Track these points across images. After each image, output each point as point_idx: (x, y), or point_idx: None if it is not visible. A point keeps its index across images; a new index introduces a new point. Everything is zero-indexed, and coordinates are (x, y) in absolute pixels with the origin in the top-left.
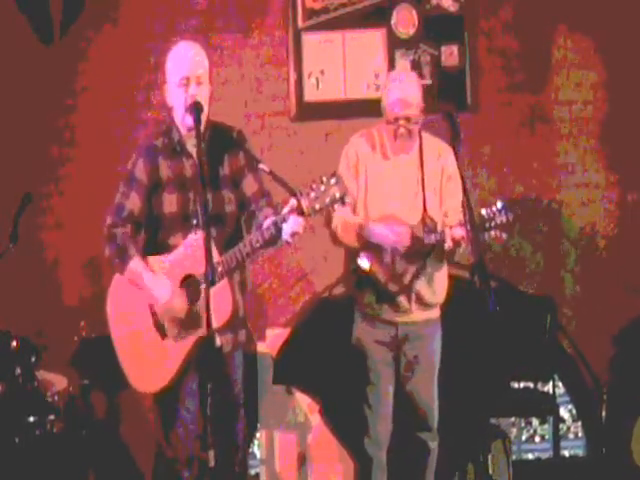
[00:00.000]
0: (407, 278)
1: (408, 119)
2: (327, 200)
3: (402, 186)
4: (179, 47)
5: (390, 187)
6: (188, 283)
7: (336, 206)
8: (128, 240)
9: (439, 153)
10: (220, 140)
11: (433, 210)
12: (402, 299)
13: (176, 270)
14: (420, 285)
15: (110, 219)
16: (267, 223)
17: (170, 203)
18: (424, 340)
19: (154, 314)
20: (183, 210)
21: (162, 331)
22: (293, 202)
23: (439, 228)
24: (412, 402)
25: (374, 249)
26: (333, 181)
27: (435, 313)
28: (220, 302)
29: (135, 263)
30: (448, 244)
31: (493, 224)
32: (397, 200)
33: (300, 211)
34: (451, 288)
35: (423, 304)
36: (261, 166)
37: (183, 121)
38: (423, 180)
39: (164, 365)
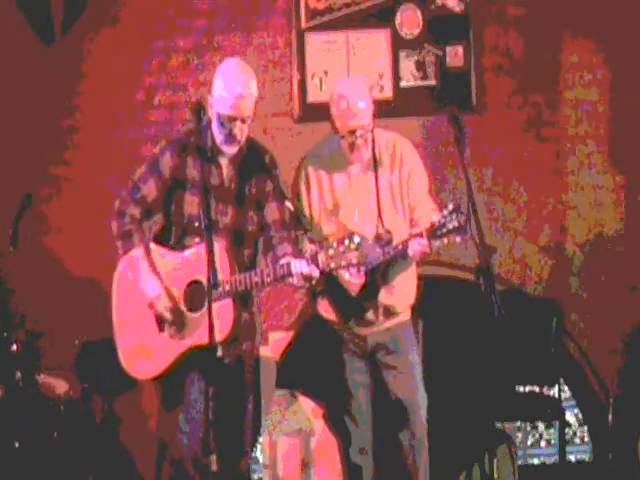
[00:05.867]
0: (371, 293)
1: (363, 127)
2: (343, 263)
3: (358, 198)
4: (236, 78)
5: (346, 201)
6: (194, 289)
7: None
8: (135, 225)
9: (393, 151)
10: (252, 160)
11: (390, 219)
12: (369, 314)
13: (184, 270)
14: (384, 297)
15: (124, 194)
16: (283, 261)
17: (191, 204)
18: (396, 344)
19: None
20: (203, 215)
21: (161, 324)
22: (312, 249)
23: (399, 238)
24: (394, 407)
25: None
26: (354, 246)
27: (404, 317)
28: (221, 318)
29: (137, 253)
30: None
31: (445, 230)
32: (354, 214)
33: (316, 262)
34: (456, 291)
35: (390, 314)
36: (288, 204)
37: (220, 146)
38: (377, 189)
39: (157, 357)
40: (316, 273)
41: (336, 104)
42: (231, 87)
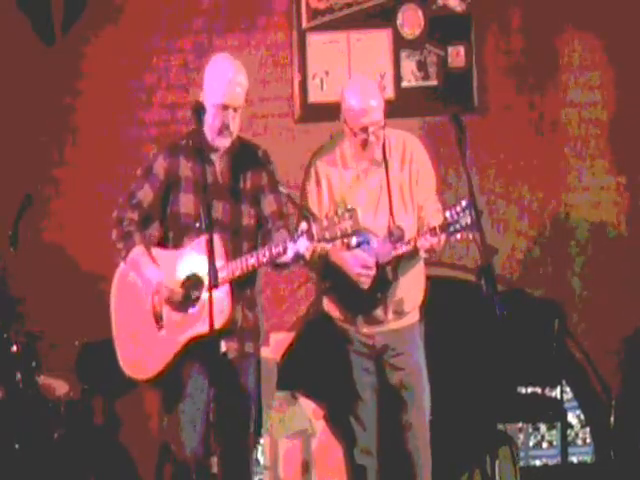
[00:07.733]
0: (381, 288)
1: (376, 124)
2: (338, 232)
3: (368, 196)
4: (226, 68)
5: (356, 199)
6: (192, 281)
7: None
8: (134, 226)
9: (403, 149)
10: (245, 156)
11: (401, 216)
12: (378, 311)
13: (180, 265)
14: (394, 293)
15: (121, 202)
16: (277, 240)
17: (187, 203)
18: (404, 347)
19: (154, 304)
20: (203, 211)
21: (159, 322)
22: (304, 225)
23: (409, 235)
24: (399, 408)
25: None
26: (347, 215)
27: (412, 319)
28: (218, 306)
29: (137, 251)
30: (421, 254)
31: (458, 226)
32: (364, 212)
33: (310, 236)
34: (457, 292)
35: (399, 312)
36: (281, 188)
37: (213, 142)
38: (389, 186)
39: (156, 356)
40: (310, 246)
41: (348, 101)
42: (221, 76)
